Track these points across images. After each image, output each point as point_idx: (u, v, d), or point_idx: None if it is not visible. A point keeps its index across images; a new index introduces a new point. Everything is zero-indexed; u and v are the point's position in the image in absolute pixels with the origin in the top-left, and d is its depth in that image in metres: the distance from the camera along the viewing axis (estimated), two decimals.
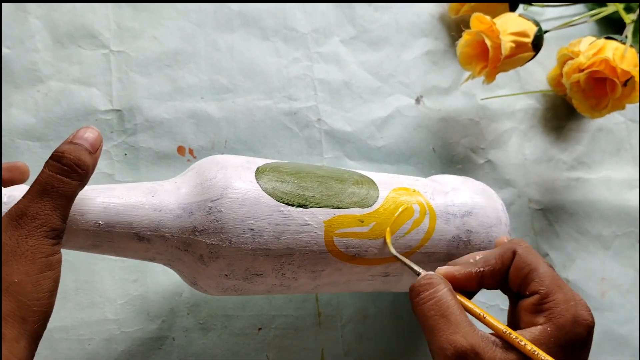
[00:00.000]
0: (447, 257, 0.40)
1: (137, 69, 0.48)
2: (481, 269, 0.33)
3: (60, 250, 0.30)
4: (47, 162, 0.30)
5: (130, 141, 0.46)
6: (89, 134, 0.31)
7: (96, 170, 0.32)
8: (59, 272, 0.30)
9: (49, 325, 0.30)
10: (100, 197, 0.33)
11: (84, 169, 0.31)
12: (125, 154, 0.46)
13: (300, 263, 0.36)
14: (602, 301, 0.56)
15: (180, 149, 0.47)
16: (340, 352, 0.47)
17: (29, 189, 0.30)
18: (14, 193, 0.32)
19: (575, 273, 0.56)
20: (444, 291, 0.31)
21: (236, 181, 0.35)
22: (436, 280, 0.31)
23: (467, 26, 0.51)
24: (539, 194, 0.56)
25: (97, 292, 0.43)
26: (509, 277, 0.33)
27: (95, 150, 0.31)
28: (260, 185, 0.35)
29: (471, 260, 0.34)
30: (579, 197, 0.58)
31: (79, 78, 0.46)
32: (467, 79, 0.53)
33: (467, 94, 0.57)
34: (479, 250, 0.40)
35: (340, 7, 0.55)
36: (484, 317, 0.31)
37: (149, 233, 0.34)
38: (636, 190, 0.60)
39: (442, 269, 0.33)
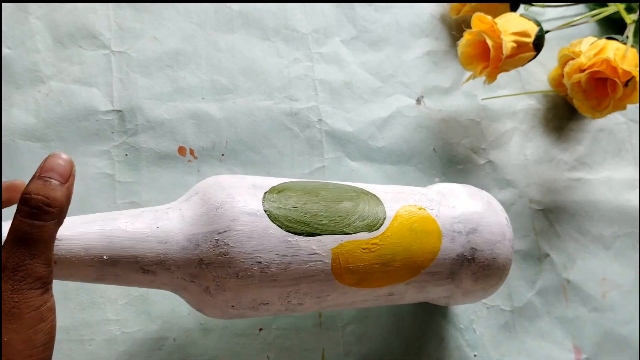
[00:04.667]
0: (450, 275, 0.40)
1: (137, 69, 0.48)
2: None
3: (52, 296, 0.28)
4: (17, 206, 0.27)
5: (131, 141, 0.46)
6: (58, 162, 0.28)
7: (97, 171, 0.31)
8: (54, 320, 0.28)
9: None
10: (103, 229, 0.32)
11: (56, 205, 0.27)
12: (126, 155, 0.46)
13: (307, 291, 0.36)
14: (603, 302, 0.56)
15: (181, 150, 0.47)
16: (340, 353, 0.46)
17: (6, 237, 0.27)
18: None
19: (576, 273, 0.56)
20: None
21: (243, 211, 0.34)
22: None
23: (468, 26, 0.51)
24: (539, 195, 0.56)
25: (98, 292, 0.43)
26: None
27: (66, 180, 0.28)
28: (267, 214, 0.34)
29: None
30: (580, 197, 0.58)
31: (80, 78, 0.46)
32: (468, 79, 0.53)
33: (468, 94, 0.57)
34: (482, 267, 0.40)
35: (340, 7, 0.55)
36: None
37: (154, 266, 0.33)
38: (637, 191, 0.60)
39: None
